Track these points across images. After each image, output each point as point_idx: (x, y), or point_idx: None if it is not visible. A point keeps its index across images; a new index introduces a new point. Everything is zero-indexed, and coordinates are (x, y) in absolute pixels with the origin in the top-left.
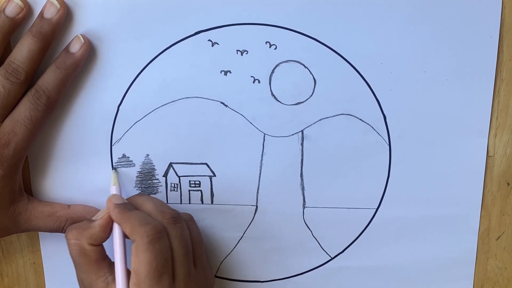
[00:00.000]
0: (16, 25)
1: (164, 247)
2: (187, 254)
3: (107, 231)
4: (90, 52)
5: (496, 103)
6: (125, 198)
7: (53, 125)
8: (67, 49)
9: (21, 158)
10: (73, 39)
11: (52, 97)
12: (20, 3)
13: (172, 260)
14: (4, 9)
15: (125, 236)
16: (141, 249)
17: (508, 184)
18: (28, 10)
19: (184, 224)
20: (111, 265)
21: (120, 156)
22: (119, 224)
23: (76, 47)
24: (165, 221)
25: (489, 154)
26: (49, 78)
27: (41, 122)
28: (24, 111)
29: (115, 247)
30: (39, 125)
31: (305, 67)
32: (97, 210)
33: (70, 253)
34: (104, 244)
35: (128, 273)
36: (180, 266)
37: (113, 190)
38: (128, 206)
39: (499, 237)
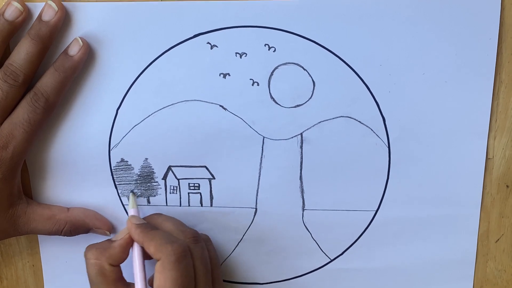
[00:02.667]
0: (16, 29)
1: (189, 266)
2: (207, 274)
3: (127, 252)
4: (89, 55)
5: (495, 105)
6: (142, 217)
7: (52, 128)
8: (65, 51)
9: (20, 161)
10: (71, 41)
11: (50, 100)
12: (19, 6)
13: (195, 279)
14: (3, 13)
15: (144, 257)
16: (167, 267)
17: (507, 186)
18: (27, 14)
19: (204, 244)
20: (128, 286)
21: (119, 159)
22: (141, 243)
23: (74, 50)
24: (187, 240)
25: (488, 157)
26: (47, 81)
27: (40, 124)
28: (22, 113)
29: (136, 267)
30: (38, 128)
31: (304, 69)
32: (96, 214)
33: (88, 272)
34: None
35: None
36: (201, 285)
37: (132, 212)
38: (149, 225)
39: (498, 240)
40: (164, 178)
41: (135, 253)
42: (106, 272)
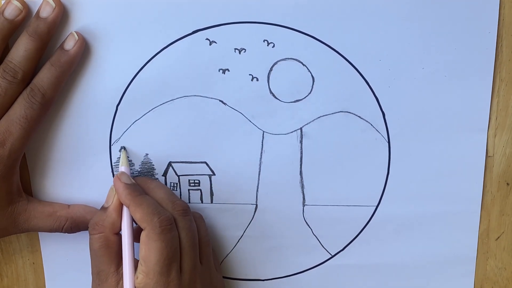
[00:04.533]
0: (15, 27)
1: (174, 238)
2: (194, 247)
3: (121, 215)
4: (88, 51)
5: (495, 103)
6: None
7: (52, 125)
8: (61, 46)
9: (18, 158)
10: (67, 36)
11: (47, 95)
12: (19, 5)
13: (180, 251)
14: (3, 11)
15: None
16: (152, 238)
17: (507, 184)
18: (27, 12)
19: (192, 217)
20: None
21: (119, 155)
22: (128, 206)
23: (70, 44)
24: (175, 212)
25: (488, 154)
26: (44, 76)
27: (37, 121)
28: (19, 110)
29: (124, 232)
30: (35, 124)
31: (303, 65)
32: (97, 210)
33: (92, 247)
34: None
35: (135, 261)
36: (187, 257)
37: (122, 169)
38: (138, 189)
39: (498, 237)
40: (164, 174)
41: (125, 217)
42: (111, 243)
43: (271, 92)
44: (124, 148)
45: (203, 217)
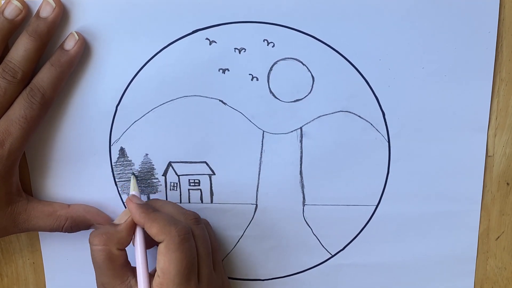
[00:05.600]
0: (15, 27)
1: (192, 247)
2: (209, 255)
3: (132, 234)
4: (88, 52)
5: (495, 103)
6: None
7: (51, 125)
8: (61, 46)
9: (17, 158)
10: (67, 36)
11: (47, 95)
12: (19, 5)
13: (197, 259)
14: (3, 11)
15: (146, 239)
16: (172, 249)
17: (507, 184)
18: (27, 12)
19: (203, 225)
20: (133, 269)
21: (119, 155)
22: (142, 224)
23: (70, 44)
24: (188, 221)
25: (488, 154)
26: (44, 76)
27: (36, 121)
28: (19, 110)
29: (138, 248)
30: (34, 124)
31: (303, 64)
32: (97, 210)
33: (95, 259)
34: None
35: (149, 275)
36: (203, 266)
37: (134, 194)
38: (150, 207)
39: (498, 237)
40: (164, 174)
41: (138, 235)
42: (114, 257)
43: (271, 92)
44: (134, 174)
45: (209, 223)
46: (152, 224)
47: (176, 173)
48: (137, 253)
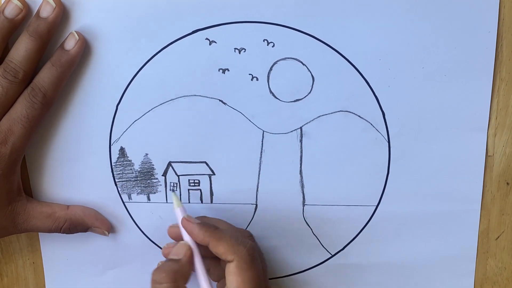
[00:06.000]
0: (16, 26)
1: (259, 264)
2: (267, 269)
3: (192, 268)
4: (88, 51)
5: (495, 102)
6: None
7: (51, 125)
8: (62, 46)
9: (19, 157)
10: (67, 36)
11: (48, 95)
12: (19, 4)
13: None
14: (3, 10)
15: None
16: (244, 268)
17: (507, 183)
18: (27, 11)
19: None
20: None
21: (119, 155)
22: (207, 243)
23: (71, 44)
24: (246, 239)
25: (488, 154)
26: (44, 76)
27: (38, 120)
28: (20, 109)
29: (201, 277)
30: (36, 124)
31: (303, 64)
32: (96, 212)
33: None
34: None
35: None
36: (267, 281)
37: (179, 211)
38: (211, 224)
39: (498, 237)
40: (164, 174)
41: (197, 264)
42: None
43: (271, 92)
44: (173, 191)
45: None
46: (219, 243)
47: (176, 173)
48: (202, 279)
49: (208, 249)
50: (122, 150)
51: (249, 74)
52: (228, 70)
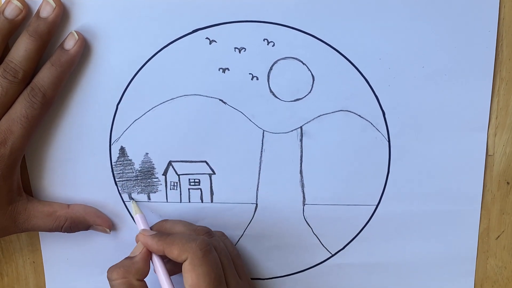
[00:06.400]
0: (16, 27)
1: (216, 258)
2: (230, 264)
3: (148, 265)
4: (88, 51)
5: (495, 102)
6: (147, 220)
7: (51, 124)
8: (61, 46)
9: (18, 157)
10: (67, 35)
11: (48, 95)
12: (19, 4)
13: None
14: (3, 11)
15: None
16: (197, 264)
17: (507, 183)
18: (27, 12)
19: (217, 237)
20: None
21: (119, 154)
22: (162, 251)
23: (70, 44)
24: (199, 236)
25: (488, 153)
26: (44, 76)
27: (37, 120)
28: (20, 109)
29: (161, 275)
30: (35, 123)
31: (303, 63)
32: (96, 211)
33: None
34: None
35: None
36: (229, 276)
37: (138, 218)
38: (163, 233)
39: (498, 236)
40: (165, 173)
41: (156, 263)
42: (135, 287)
43: (271, 91)
44: (132, 198)
45: (224, 233)
46: (172, 247)
47: (176, 173)
48: (162, 278)
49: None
50: (122, 149)
51: (249, 74)
52: (228, 70)
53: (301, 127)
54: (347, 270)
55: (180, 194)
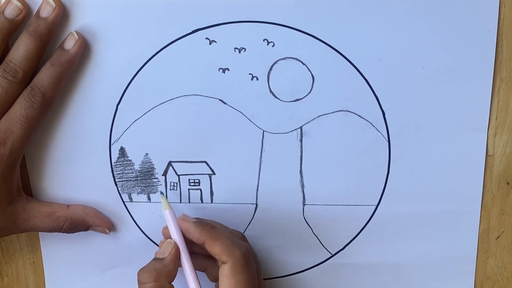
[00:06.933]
0: (16, 27)
1: (253, 268)
2: (261, 272)
3: (177, 266)
4: (88, 51)
5: (495, 102)
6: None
7: (51, 124)
8: (61, 46)
9: (18, 158)
10: (67, 36)
11: (47, 95)
12: (19, 4)
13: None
14: (3, 11)
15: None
16: (238, 271)
17: (507, 183)
18: (27, 12)
19: (249, 244)
20: None
21: (119, 155)
22: (202, 242)
23: (70, 44)
24: (241, 240)
25: (488, 154)
26: (44, 76)
27: (37, 120)
28: (19, 109)
29: (189, 276)
30: (35, 124)
31: (303, 64)
32: (96, 211)
33: None
34: None
35: None
36: (260, 283)
37: (168, 214)
38: (208, 222)
39: (498, 237)
40: (164, 174)
41: (185, 262)
42: None
43: (271, 91)
44: (162, 192)
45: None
46: (215, 243)
47: (176, 173)
48: (188, 278)
49: (203, 247)
50: (122, 150)
51: (249, 74)
52: (228, 70)
53: (301, 127)
54: (347, 271)
55: (180, 194)
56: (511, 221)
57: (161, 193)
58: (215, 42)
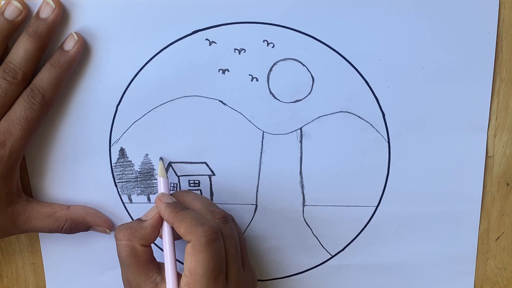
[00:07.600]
0: (15, 28)
1: (220, 248)
2: (237, 254)
3: (157, 231)
4: (87, 52)
5: (495, 103)
6: (168, 192)
7: (51, 125)
8: (61, 47)
9: (18, 159)
10: (67, 37)
11: (47, 96)
12: (19, 5)
13: (226, 259)
14: (3, 12)
15: (174, 236)
16: (199, 249)
17: (507, 184)
18: (27, 13)
19: (232, 223)
20: (159, 266)
21: (119, 156)
22: (171, 224)
23: (70, 45)
24: (216, 220)
25: (488, 155)
26: (44, 77)
27: (37, 121)
28: (19, 110)
29: (166, 247)
30: (35, 125)
31: (303, 65)
32: (96, 211)
33: (119, 254)
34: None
35: (178, 273)
36: (232, 266)
37: (161, 181)
38: (179, 205)
39: (498, 238)
40: None
41: (166, 233)
42: (138, 252)
43: (271, 92)
44: (162, 159)
45: (233, 217)
46: (180, 224)
47: (176, 174)
48: (166, 250)
49: None
50: (122, 150)
51: (249, 75)
52: (228, 71)
53: (300, 128)
54: (347, 271)
55: None
56: (511, 222)
57: (161, 158)
58: (215, 43)
